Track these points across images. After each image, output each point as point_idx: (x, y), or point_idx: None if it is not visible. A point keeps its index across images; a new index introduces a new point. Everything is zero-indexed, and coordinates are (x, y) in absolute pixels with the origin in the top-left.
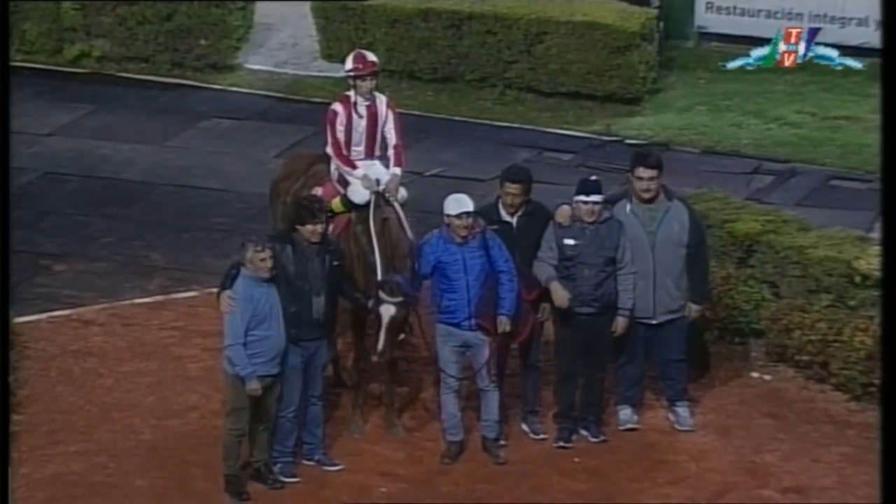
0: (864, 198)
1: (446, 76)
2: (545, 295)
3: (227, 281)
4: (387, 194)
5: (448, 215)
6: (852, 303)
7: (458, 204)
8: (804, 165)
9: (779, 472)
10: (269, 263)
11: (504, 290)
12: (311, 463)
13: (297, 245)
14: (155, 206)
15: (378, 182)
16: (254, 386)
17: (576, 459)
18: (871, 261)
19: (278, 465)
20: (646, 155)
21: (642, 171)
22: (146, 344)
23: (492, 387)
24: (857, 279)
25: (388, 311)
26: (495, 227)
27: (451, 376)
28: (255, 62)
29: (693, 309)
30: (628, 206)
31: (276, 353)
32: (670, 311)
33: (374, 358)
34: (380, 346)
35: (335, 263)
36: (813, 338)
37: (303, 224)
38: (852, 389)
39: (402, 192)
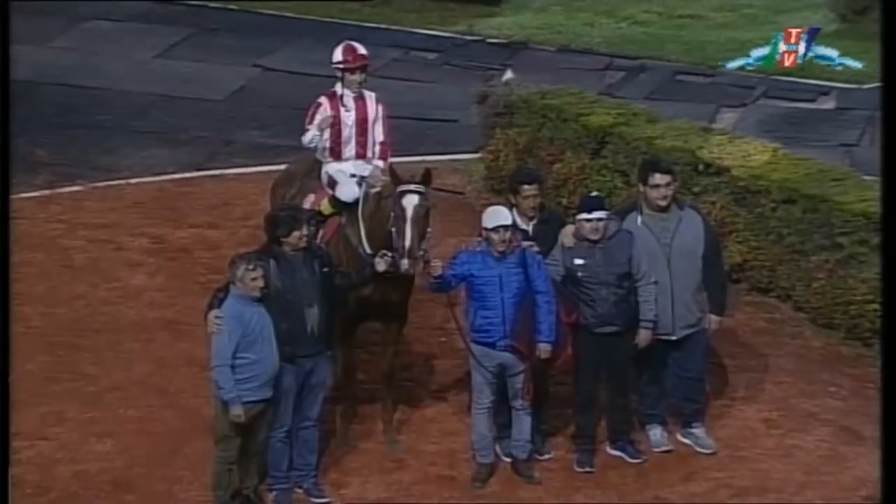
0: (706, 91)
1: None
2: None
3: (215, 301)
4: (370, 184)
5: (486, 228)
6: (696, 189)
7: (496, 217)
8: (652, 61)
9: None
10: (260, 283)
11: (542, 312)
12: (300, 491)
13: (282, 258)
14: (40, 105)
15: (354, 175)
16: (237, 412)
17: None
18: (713, 150)
19: (274, 493)
20: (657, 161)
21: (658, 178)
22: (34, 236)
23: (526, 408)
24: (701, 167)
25: (411, 201)
26: None
27: (484, 401)
28: None
29: (713, 320)
30: (639, 219)
31: (270, 376)
32: (690, 326)
33: (404, 262)
34: (407, 241)
35: (325, 270)
36: None
37: (287, 235)
38: None
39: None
